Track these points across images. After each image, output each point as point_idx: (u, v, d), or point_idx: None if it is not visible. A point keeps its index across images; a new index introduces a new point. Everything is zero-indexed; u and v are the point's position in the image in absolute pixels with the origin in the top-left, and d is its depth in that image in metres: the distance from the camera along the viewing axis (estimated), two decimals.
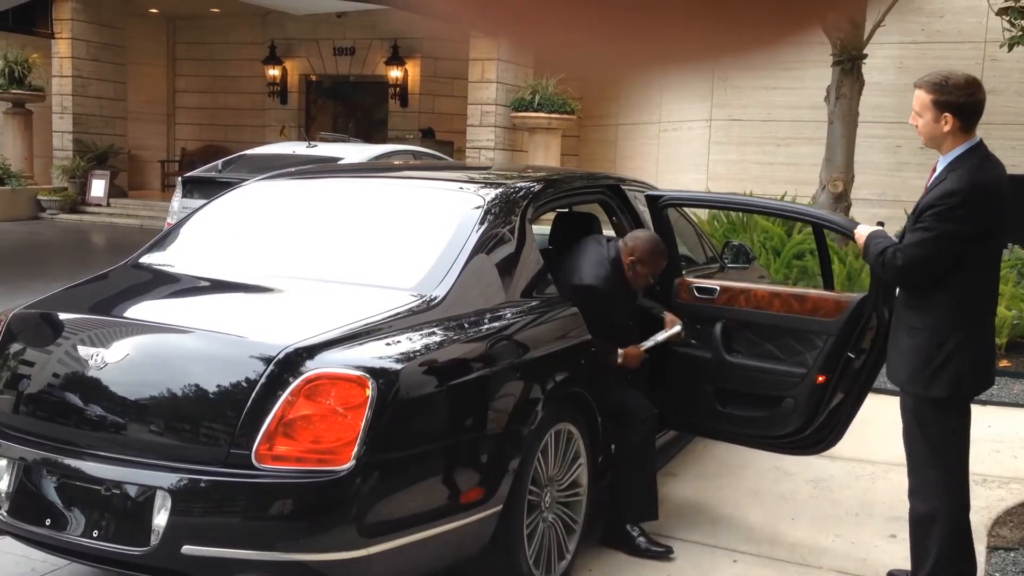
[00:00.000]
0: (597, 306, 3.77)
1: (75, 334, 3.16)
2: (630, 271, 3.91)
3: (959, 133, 3.15)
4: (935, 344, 3.15)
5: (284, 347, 2.79)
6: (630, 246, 3.94)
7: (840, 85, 9.38)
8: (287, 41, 19.60)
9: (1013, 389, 6.50)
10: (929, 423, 3.22)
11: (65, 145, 17.60)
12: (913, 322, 3.22)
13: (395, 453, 2.79)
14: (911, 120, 3.25)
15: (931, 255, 3.11)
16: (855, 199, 9.76)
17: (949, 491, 3.23)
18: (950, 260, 3.11)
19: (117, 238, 14.36)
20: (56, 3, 17.43)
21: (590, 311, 3.70)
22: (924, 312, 3.18)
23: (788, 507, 4.36)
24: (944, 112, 3.12)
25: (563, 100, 14.65)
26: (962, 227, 3.08)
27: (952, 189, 3.08)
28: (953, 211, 3.07)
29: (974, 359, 3.17)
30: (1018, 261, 8.02)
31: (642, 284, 4.00)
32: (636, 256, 3.91)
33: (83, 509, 2.86)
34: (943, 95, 3.12)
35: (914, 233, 3.15)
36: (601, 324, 3.74)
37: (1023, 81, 11.77)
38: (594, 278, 3.87)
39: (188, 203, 8.05)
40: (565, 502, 3.51)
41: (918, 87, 3.21)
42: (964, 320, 3.16)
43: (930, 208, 3.11)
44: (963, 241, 3.09)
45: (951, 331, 3.14)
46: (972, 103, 3.13)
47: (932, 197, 3.13)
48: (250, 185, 4.27)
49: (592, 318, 3.68)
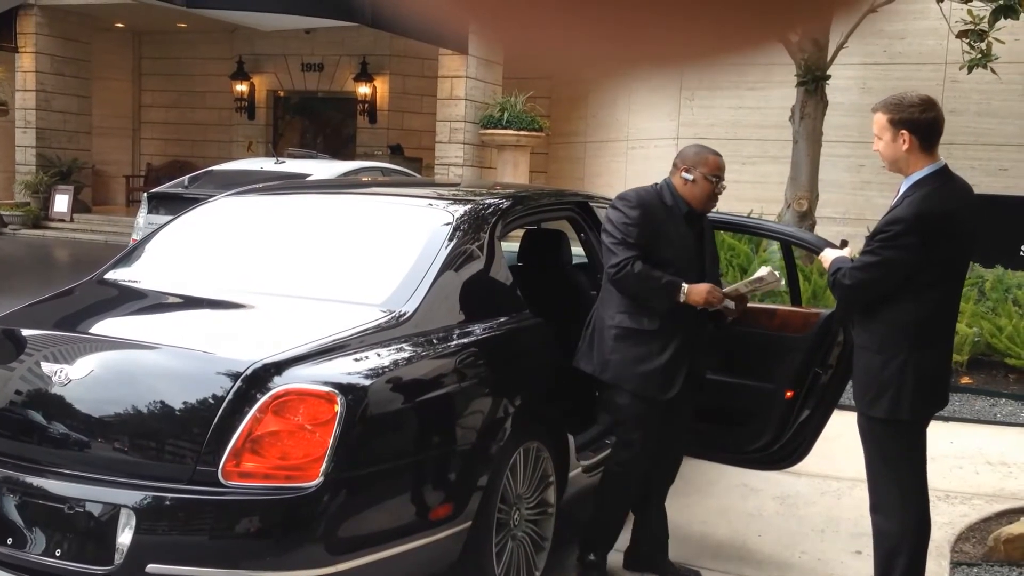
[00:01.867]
0: (643, 223, 3.38)
1: (38, 350, 3.12)
2: (688, 184, 3.49)
3: (919, 153, 3.17)
4: (877, 364, 3.17)
5: (252, 363, 2.77)
6: (676, 162, 3.57)
7: (804, 105, 9.50)
8: (255, 57, 19.53)
9: (975, 405, 6.59)
10: (881, 440, 3.25)
11: (28, 160, 17.40)
12: (862, 341, 3.26)
13: (364, 470, 2.78)
14: (874, 146, 3.29)
15: (873, 278, 3.14)
16: (819, 217, 9.87)
17: (908, 507, 3.26)
18: (894, 284, 3.13)
19: (81, 254, 14.20)
20: (20, 17, 17.26)
21: (632, 234, 3.35)
22: (870, 332, 3.22)
23: (755, 524, 4.39)
24: (900, 130, 3.16)
25: (531, 118, 14.73)
26: (905, 255, 3.09)
27: (899, 216, 3.11)
28: (896, 239, 3.09)
29: (918, 381, 3.14)
30: (979, 279, 8.15)
31: (708, 193, 3.52)
32: (686, 165, 3.52)
33: (45, 528, 2.82)
34: (898, 113, 3.17)
35: (862, 256, 3.19)
36: (651, 252, 3.38)
37: (982, 102, 11.99)
38: (633, 191, 3.52)
39: (154, 219, 8.00)
40: (534, 519, 3.51)
41: (876, 110, 3.27)
42: (906, 342, 3.14)
43: (879, 233, 3.15)
44: (906, 267, 3.11)
45: (893, 352, 3.15)
46: (927, 120, 3.17)
47: (882, 222, 3.17)
48: (217, 201, 4.25)
49: (634, 241, 3.34)
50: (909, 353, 3.15)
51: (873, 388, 3.18)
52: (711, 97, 13.77)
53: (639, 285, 3.37)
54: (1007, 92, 11.58)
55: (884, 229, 3.14)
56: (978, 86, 11.39)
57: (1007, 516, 4.46)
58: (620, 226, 3.39)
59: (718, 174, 3.53)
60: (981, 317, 7.42)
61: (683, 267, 3.45)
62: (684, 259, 3.48)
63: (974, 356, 7.26)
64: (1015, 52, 9.98)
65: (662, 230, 3.45)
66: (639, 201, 3.44)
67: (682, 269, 3.43)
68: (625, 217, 3.39)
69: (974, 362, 7.27)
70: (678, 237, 3.49)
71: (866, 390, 3.22)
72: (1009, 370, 7.18)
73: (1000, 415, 6.45)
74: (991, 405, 6.63)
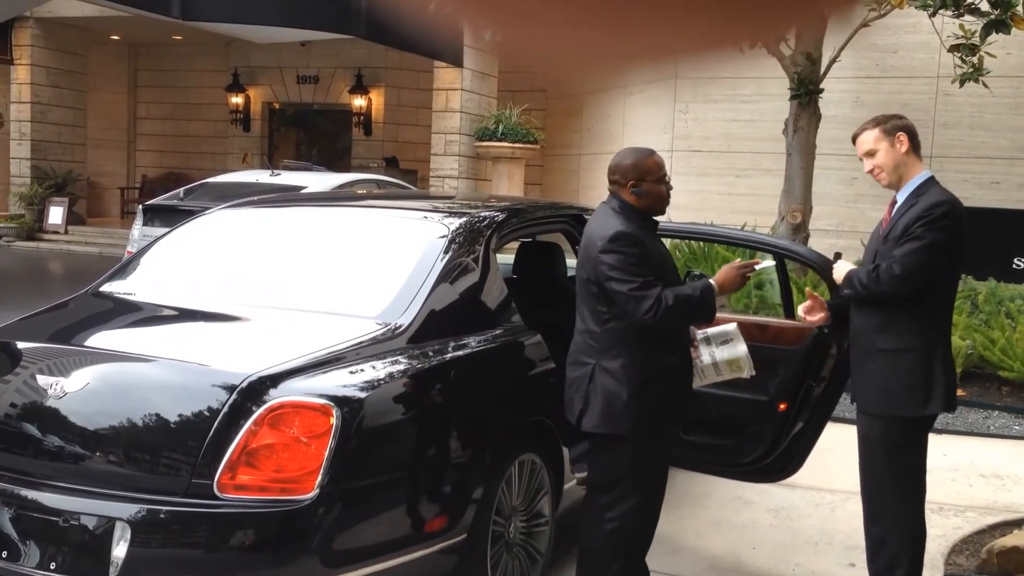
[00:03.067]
0: (637, 253, 3.12)
1: (33, 363, 3.12)
2: (641, 198, 3.23)
3: (914, 155, 3.33)
4: (912, 363, 3.24)
5: (248, 375, 2.77)
6: (617, 179, 3.26)
7: (798, 118, 9.54)
8: (250, 69, 19.56)
9: (968, 418, 6.60)
10: (901, 447, 3.28)
11: (23, 172, 17.39)
12: (890, 344, 3.28)
13: (359, 482, 2.78)
14: (867, 168, 3.38)
15: (923, 263, 3.21)
16: (813, 229, 9.90)
17: (909, 517, 3.28)
18: (938, 270, 3.24)
19: (75, 266, 14.18)
20: (16, 29, 17.28)
21: (636, 264, 3.10)
22: (898, 334, 3.26)
23: (749, 536, 4.39)
24: (897, 133, 3.31)
25: (526, 130, 14.77)
26: (948, 236, 3.22)
27: (936, 201, 3.23)
28: (940, 220, 3.20)
29: (947, 373, 3.29)
30: (971, 292, 8.17)
31: (662, 197, 3.28)
32: (630, 179, 3.23)
33: (40, 541, 2.81)
34: (887, 123, 3.34)
35: (904, 245, 3.24)
36: (654, 274, 3.12)
37: (974, 115, 12.04)
38: (614, 225, 3.18)
39: (149, 231, 7.99)
40: (529, 532, 3.51)
41: (858, 134, 3.40)
42: (937, 336, 3.29)
43: (918, 220, 3.22)
44: (948, 251, 3.23)
45: (928, 348, 3.25)
46: (912, 124, 3.37)
47: (919, 211, 3.23)
48: (213, 213, 4.26)
49: (640, 269, 3.09)
50: (941, 347, 3.28)
51: (905, 388, 3.24)
52: (705, 110, 13.80)
53: (680, 311, 3.11)
54: (999, 106, 11.63)
55: (923, 215, 3.22)
56: (970, 100, 11.43)
57: (1000, 528, 4.47)
58: (631, 268, 3.09)
59: (662, 174, 3.28)
60: (974, 330, 7.44)
61: (675, 279, 3.34)
62: (671, 270, 3.36)
63: (967, 368, 7.28)
64: (1007, 66, 10.04)
65: (651, 253, 3.23)
66: (633, 237, 3.14)
67: (675, 280, 3.32)
68: (631, 257, 3.11)
69: (967, 374, 7.29)
70: (659, 252, 3.31)
71: (896, 392, 3.26)
72: (1002, 383, 7.19)
73: (993, 427, 6.47)
74: (984, 417, 6.65)
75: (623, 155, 3.33)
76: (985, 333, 7.38)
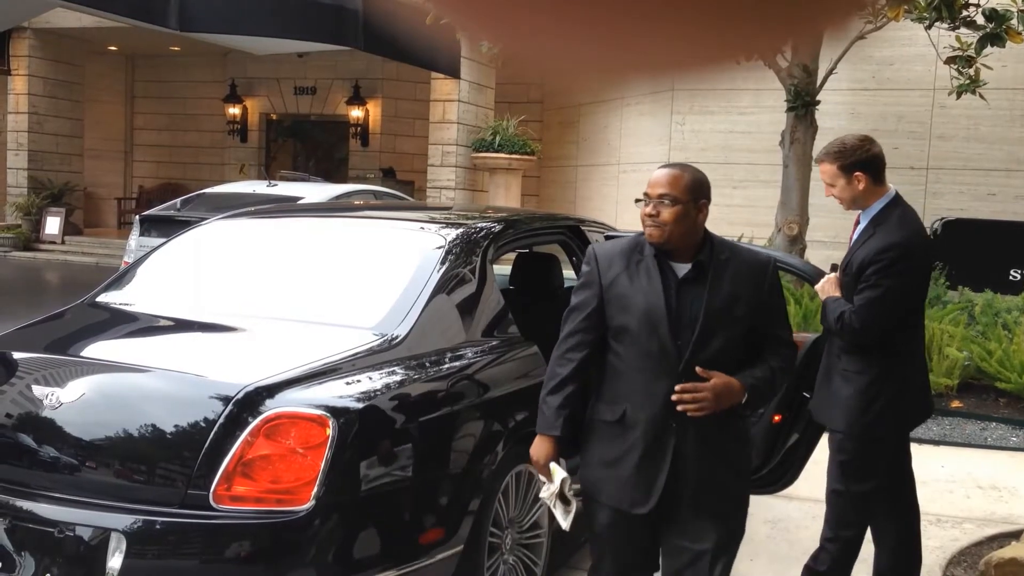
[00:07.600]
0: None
1: (29, 373, 3.11)
2: (660, 228, 2.66)
3: (873, 187, 3.31)
4: (872, 382, 3.27)
5: (244, 386, 2.77)
6: (704, 199, 2.70)
7: (794, 130, 9.56)
8: (248, 80, 19.59)
9: (965, 430, 6.60)
10: (874, 460, 3.34)
11: (20, 182, 17.40)
12: (855, 367, 3.30)
13: (355, 493, 2.77)
14: (826, 193, 3.42)
15: (880, 313, 3.21)
16: (810, 241, 9.91)
17: (904, 530, 3.30)
18: (901, 312, 3.23)
19: (72, 276, 14.16)
20: (13, 39, 17.30)
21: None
22: (872, 357, 3.28)
23: (746, 548, 4.37)
24: (854, 172, 3.28)
25: (523, 141, 14.80)
26: (904, 281, 3.20)
27: (888, 244, 3.20)
28: (892, 266, 3.18)
29: (909, 393, 3.32)
30: (968, 303, 8.19)
31: (701, 222, 2.72)
32: (706, 198, 2.72)
33: (35, 552, 2.80)
34: (846, 159, 3.29)
35: (862, 293, 3.23)
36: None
37: (971, 128, 12.08)
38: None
39: (146, 241, 7.99)
40: (526, 544, 3.50)
41: (820, 161, 3.40)
42: (909, 360, 3.32)
43: (871, 265, 3.21)
44: (904, 294, 3.22)
45: (901, 368, 3.29)
46: (872, 156, 3.31)
47: (870, 253, 3.23)
48: (210, 224, 4.26)
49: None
50: (904, 368, 3.29)
51: (847, 403, 3.28)
52: (702, 121, 13.85)
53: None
54: (995, 118, 11.67)
55: (875, 259, 3.19)
56: (966, 111, 11.48)
57: (998, 540, 4.46)
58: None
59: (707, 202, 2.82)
60: (971, 341, 7.45)
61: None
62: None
63: (964, 380, 7.28)
64: (1003, 78, 10.08)
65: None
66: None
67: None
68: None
69: (964, 386, 7.29)
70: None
71: (841, 406, 3.30)
72: (999, 394, 7.20)
73: (991, 439, 6.47)
74: (981, 429, 6.65)
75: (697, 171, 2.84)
76: (982, 344, 7.39)
